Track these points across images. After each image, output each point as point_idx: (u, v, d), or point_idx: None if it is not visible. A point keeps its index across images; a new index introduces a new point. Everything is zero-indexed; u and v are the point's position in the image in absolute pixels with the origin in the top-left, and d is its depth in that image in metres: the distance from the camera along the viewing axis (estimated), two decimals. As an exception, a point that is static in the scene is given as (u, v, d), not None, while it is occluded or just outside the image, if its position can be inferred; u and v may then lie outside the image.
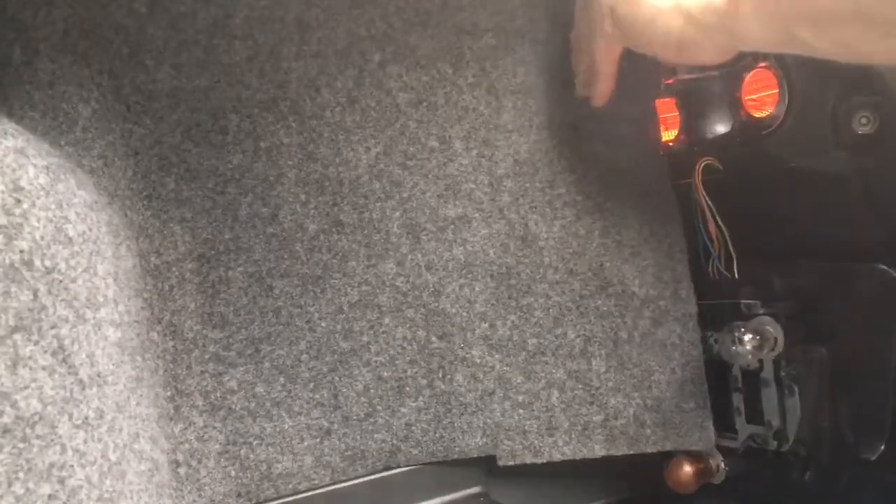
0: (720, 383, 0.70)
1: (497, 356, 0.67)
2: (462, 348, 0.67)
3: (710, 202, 0.67)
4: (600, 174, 0.69)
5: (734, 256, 0.67)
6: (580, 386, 0.68)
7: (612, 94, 0.63)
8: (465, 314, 0.67)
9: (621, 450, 0.68)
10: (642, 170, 0.69)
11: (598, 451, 0.68)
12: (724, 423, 0.70)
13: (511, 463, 0.67)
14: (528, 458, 0.67)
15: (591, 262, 0.68)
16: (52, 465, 0.39)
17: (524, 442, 0.67)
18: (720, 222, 0.67)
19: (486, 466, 0.70)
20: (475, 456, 0.68)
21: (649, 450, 0.68)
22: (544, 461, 0.68)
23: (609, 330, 0.68)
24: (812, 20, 0.44)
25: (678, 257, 0.69)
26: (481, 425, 0.67)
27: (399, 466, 0.67)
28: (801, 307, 0.65)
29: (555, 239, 0.67)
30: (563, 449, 0.68)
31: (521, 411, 0.68)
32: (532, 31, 0.67)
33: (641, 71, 0.64)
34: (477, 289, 0.67)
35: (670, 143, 0.68)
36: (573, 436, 0.68)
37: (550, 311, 0.68)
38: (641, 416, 0.68)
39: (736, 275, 0.67)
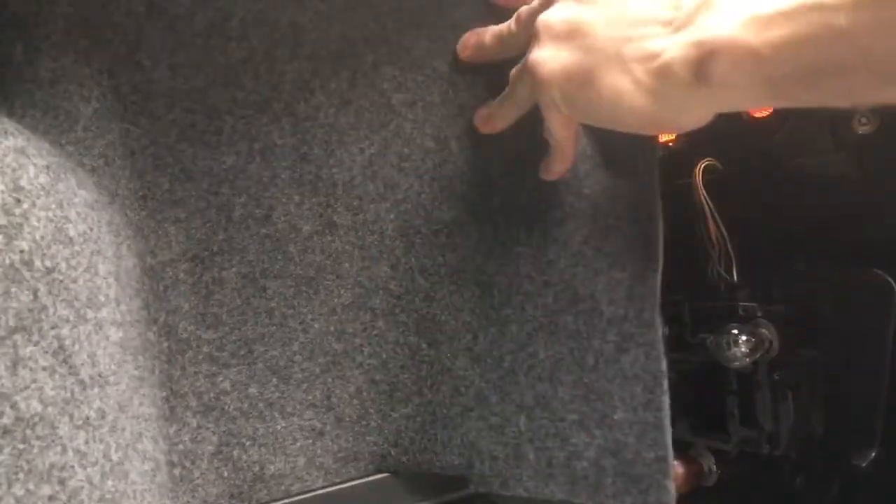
0: (715, 385, 0.71)
1: (477, 370, 0.66)
2: (448, 358, 0.67)
3: (710, 203, 0.68)
4: (597, 172, 0.65)
5: (733, 258, 0.68)
6: (546, 415, 0.65)
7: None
8: (453, 322, 0.66)
9: (580, 497, 0.64)
10: (637, 163, 0.65)
11: (559, 494, 0.64)
12: (717, 426, 0.72)
13: (482, 490, 0.66)
14: (496, 488, 0.65)
15: (565, 273, 0.64)
16: (52, 465, 0.40)
17: (493, 468, 0.66)
18: (720, 223, 0.68)
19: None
20: (452, 473, 0.67)
21: (610, 503, 0.64)
22: (510, 495, 0.65)
23: (577, 353, 0.64)
24: (807, 75, 0.41)
25: (651, 270, 0.64)
26: (458, 443, 0.66)
27: (389, 471, 0.68)
28: (798, 311, 0.66)
29: (533, 246, 0.65)
30: (526, 484, 0.65)
31: (493, 434, 0.66)
32: None
33: None
34: (465, 296, 0.66)
35: (670, 144, 0.68)
36: (537, 471, 0.65)
37: (525, 326, 0.65)
38: (601, 460, 0.64)
39: (735, 277, 0.68)
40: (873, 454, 0.64)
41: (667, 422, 0.63)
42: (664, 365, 0.63)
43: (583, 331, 0.64)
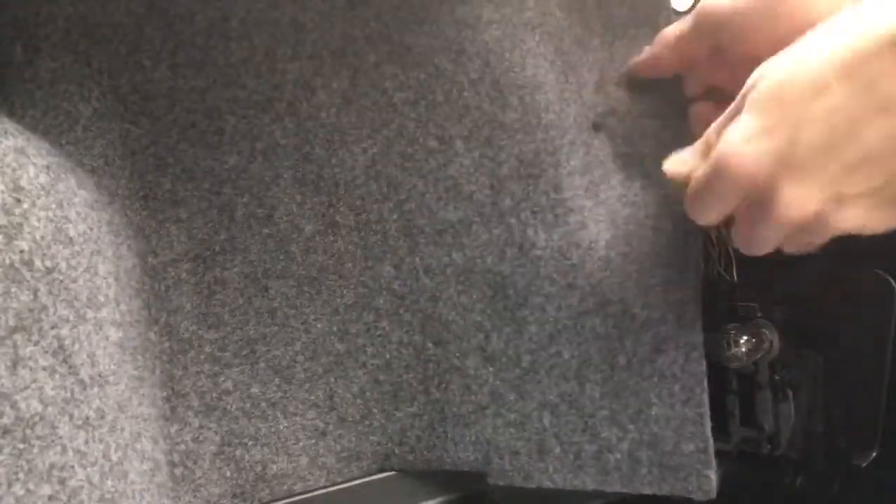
0: (715, 385, 0.71)
1: (491, 369, 0.66)
2: (457, 357, 0.66)
3: None
4: (616, 177, 0.65)
5: (733, 258, 0.68)
6: (573, 411, 0.65)
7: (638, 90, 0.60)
8: (461, 322, 0.66)
9: (614, 486, 0.65)
10: (659, 172, 0.61)
11: (590, 484, 0.65)
12: (717, 426, 0.72)
13: (501, 483, 0.66)
14: (518, 481, 0.66)
15: (591, 277, 0.63)
16: (52, 465, 0.40)
17: (515, 463, 0.66)
18: (720, 223, 0.68)
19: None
20: (466, 470, 0.67)
21: (645, 491, 0.65)
22: (534, 486, 0.66)
23: (606, 353, 0.64)
24: None
25: (690, 276, 0.64)
26: (473, 440, 0.66)
27: (393, 470, 0.68)
28: (799, 311, 0.66)
29: (553, 249, 0.64)
30: (553, 476, 0.65)
31: (512, 430, 0.66)
32: (544, 23, 0.64)
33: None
34: (474, 297, 0.66)
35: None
36: (564, 463, 0.65)
37: (546, 326, 0.65)
38: (636, 452, 0.64)
39: (735, 277, 0.68)
40: (874, 454, 0.64)
41: (707, 417, 0.63)
42: (705, 365, 0.63)
43: (612, 333, 0.64)
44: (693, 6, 0.66)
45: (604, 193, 0.65)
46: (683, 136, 0.61)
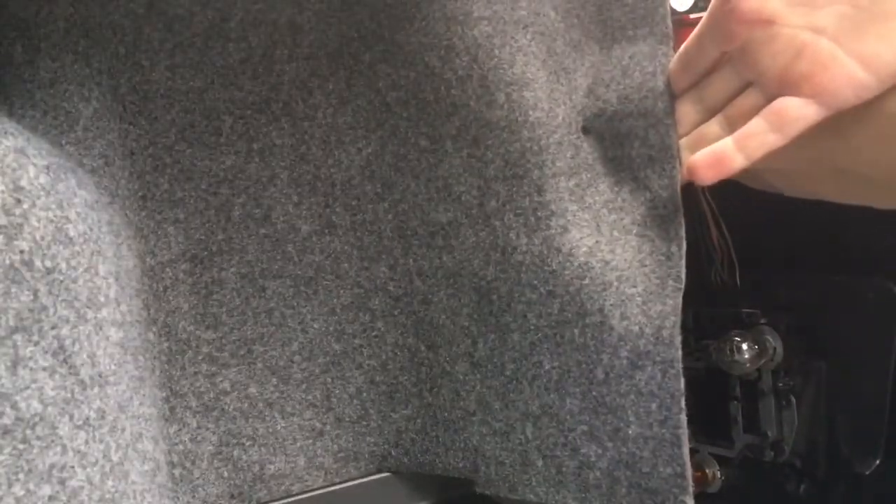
0: (718, 392, 0.72)
1: (478, 376, 0.66)
2: (447, 362, 0.68)
3: (713, 206, 0.69)
4: (605, 181, 0.64)
5: (737, 264, 0.69)
6: (553, 424, 0.64)
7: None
8: (451, 326, 0.67)
9: None
10: (651, 175, 0.63)
11: (571, 500, 0.65)
12: (720, 432, 0.73)
13: (488, 492, 0.67)
14: (504, 492, 0.66)
15: (570, 285, 0.63)
16: (52, 465, 0.41)
17: (500, 473, 0.66)
18: (723, 227, 0.69)
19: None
20: (456, 476, 0.68)
21: None
22: (518, 498, 0.66)
23: (585, 366, 0.63)
24: None
25: (671, 288, 0.62)
26: (462, 446, 0.68)
27: (390, 471, 0.70)
28: (803, 319, 0.68)
29: (533, 254, 0.64)
30: (536, 489, 0.65)
31: (497, 439, 0.66)
32: (536, 22, 0.64)
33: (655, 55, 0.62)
34: (462, 301, 0.66)
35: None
36: (546, 477, 0.65)
37: (527, 335, 0.64)
38: (615, 471, 0.63)
39: (738, 283, 0.69)
40: (877, 462, 0.65)
41: (684, 438, 0.61)
42: (682, 383, 0.61)
43: (590, 345, 0.63)
44: (693, 6, 0.67)
45: (590, 198, 0.64)
46: (669, 140, 0.62)
